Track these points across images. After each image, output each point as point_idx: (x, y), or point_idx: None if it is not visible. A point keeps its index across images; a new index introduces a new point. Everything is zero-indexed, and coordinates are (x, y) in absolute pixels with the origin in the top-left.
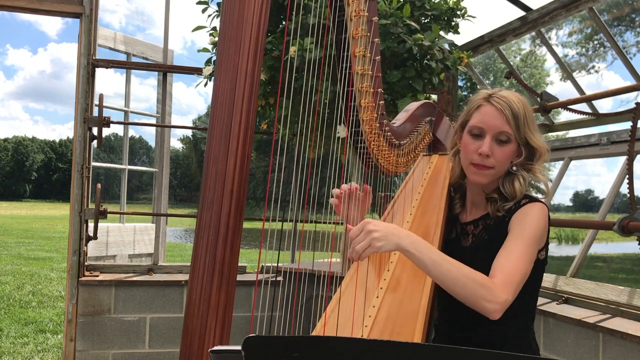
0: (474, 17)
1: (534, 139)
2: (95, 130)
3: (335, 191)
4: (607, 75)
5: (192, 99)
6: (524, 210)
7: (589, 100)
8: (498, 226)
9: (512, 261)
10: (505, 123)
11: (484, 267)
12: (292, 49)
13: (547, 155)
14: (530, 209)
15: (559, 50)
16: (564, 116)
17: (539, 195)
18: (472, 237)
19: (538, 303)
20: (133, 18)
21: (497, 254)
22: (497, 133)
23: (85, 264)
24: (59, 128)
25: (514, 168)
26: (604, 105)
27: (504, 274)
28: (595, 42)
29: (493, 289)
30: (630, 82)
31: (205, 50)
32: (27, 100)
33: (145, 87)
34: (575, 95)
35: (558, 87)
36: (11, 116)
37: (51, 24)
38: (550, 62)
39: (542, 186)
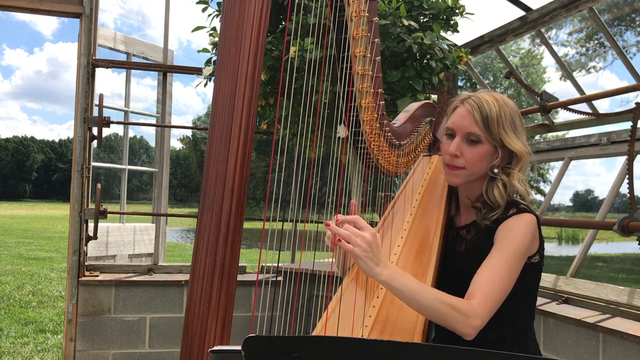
0: (472, 14)
1: (510, 142)
2: (95, 130)
3: (329, 233)
4: (604, 74)
5: (190, 99)
6: (509, 224)
7: (588, 100)
8: (488, 234)
9: (492, 280)
10: (473, 123)
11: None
12: (292, 49)
13: (528, 158)
14: (515, 223)
15: (558, 50)
16: (563, 116)
17: (537, 196)
18: (465, 242)
19: (538, 303)
20: (129, 18)
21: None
22: (465, 134)
23: (85, 264)
24: (57, 128)
25: (495, 171)
26: (602, 105)
27: (483, 293)
28: (595, 42)
29: (469, 314)
30: (627, 81)
31: (205, 50)
32: (25, 100)
33: (142, 87)
34: (575, 94)
35: (557, 87)
36: (9, 116)
37: (47, 24)
38: (547, 61)
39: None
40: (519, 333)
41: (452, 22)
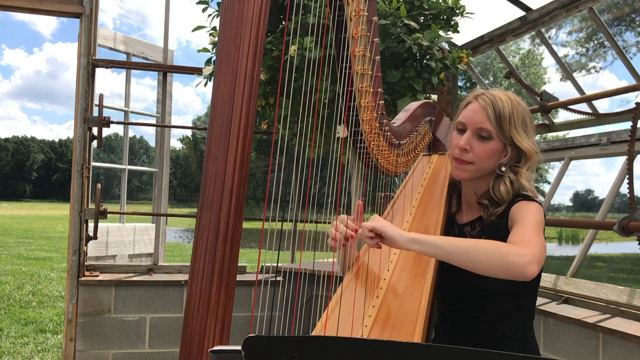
0: (472, 13)
1: (520, 140)
2: (95, 130)
3: (332, 232)
4: (603, 74)
5: (190, 99)
6: (521, 205)
7: (588, 100)
8: (495, 228)
9: (527, 234)
10: (486, 119)
11: None
12: (292, 49)
13: (536, 158)
14: (526, 204)
15: (558, 50)
16: (563, 116)
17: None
18: (470, 238)
19: (538, 303)
20: (128, 18)
21: None
22: (477, 129)
23: (85, 264)
24: (57, 128)
25: (503, 169)
26: (602, 105)
27: (524, 239)
28: (595, 42)
29: (516, 247)
30: (627, 81)
31: (205, 50)
32: (25, 100)
33: (142, 87)
34: (575, 94)
35: (557, 87)
36: (9, 116)
37: (46, 24)
38: (547, 61)
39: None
40: (519, 330)
41: (452, 22)
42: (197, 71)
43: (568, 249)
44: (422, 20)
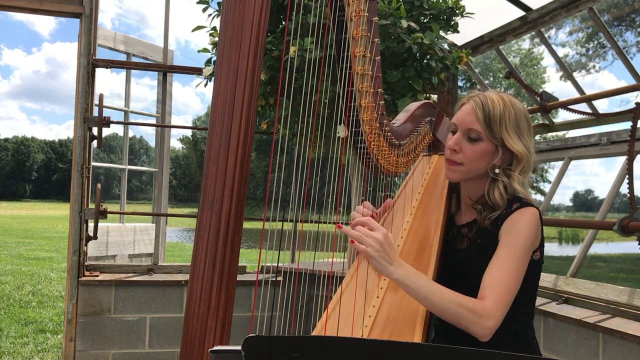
0: (472, 13)
1: (511, 142)
2: (95, 130)
3: (355, 216)
4: (603, 74)
5: (189, 99)
6: (513, 220)
7: (588, 100)
8: (490, 232)
9: (502, 279)
10: (475, 120)
11: (477, 271)
12: (292, 49)
13: (529, 161)
14: (520, 218)
15: (558, 50)
16: (563, 116)
17: (538, 196)
18: (467, 240)
19: (538, 303)
20: (127, 18)
21: (488, 260)
22: (466, 129)
23: (85, 264)
24: (56, 128)
25: (496, 171)
26: (601, 105)
27: (495, 293)
28: (595, 42)
29: (482, 315)
30: (625, 81)
31: (205, 50)
32: (24, 100)
33: (141, 86)
34: (575, 94)
35: (557, 87)
36: (8, 116)
37: (44, 24)
38: (547, 61)
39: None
40: (519, 331)
41: (452, 22)
42: (197, 71)
43: (568, 249)
44: (422, 21)
